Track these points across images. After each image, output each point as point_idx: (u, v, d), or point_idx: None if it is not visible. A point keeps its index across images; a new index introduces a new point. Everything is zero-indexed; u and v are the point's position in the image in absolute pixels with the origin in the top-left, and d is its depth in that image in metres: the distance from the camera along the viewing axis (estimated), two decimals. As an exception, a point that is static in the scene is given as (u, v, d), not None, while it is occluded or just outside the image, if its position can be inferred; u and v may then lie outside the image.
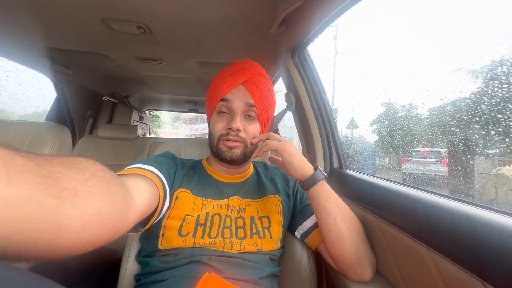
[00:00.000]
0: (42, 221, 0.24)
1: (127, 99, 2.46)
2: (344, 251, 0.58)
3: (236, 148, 0.64)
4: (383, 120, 1.94)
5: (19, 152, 0.24)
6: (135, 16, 0.88)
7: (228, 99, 0.65)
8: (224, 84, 0.66)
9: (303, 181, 0.60)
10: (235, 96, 0.65)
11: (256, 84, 0.66)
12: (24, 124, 1.39)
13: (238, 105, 0.65)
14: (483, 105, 0.81)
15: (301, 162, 0.61)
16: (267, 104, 0.68)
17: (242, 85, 0.66)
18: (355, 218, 0.62)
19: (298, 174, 0.60)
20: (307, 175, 0.60)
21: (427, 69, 1.39)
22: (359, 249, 0.59)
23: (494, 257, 0.36)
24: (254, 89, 0.66)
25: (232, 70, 0.68)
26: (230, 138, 0.64)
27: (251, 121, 0.67)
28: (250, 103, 0.65)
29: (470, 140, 0.95)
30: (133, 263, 0.71)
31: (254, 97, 0.65)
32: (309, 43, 0.95)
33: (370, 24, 4.96)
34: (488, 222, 0.39)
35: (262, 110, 0.67)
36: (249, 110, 0.66)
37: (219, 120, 0.66)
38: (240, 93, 0.65)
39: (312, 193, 0.60)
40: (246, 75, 0.66)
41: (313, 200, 0.61)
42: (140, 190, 0.46)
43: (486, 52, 0.84)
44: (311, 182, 0.60)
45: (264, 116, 0.68)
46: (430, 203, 0.50)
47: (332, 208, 0.59)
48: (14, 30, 1.05)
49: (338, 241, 0.58)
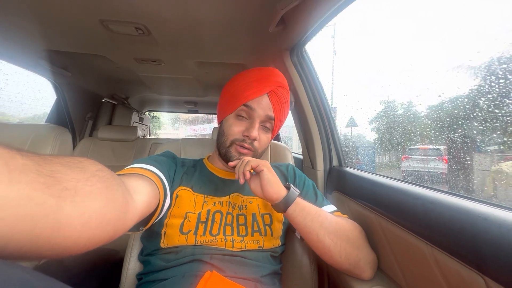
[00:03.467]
0: (42, 221, 0.24)
1: (126, 100, 2.46)
2: (334, 260, 0.58)
3: (246, 155, 0.64)
4: (382, 118, 1.94)
5: (19, 151, 0.24)
6: (134, 17, 0.88)
7: (252, 106, 0.64)
8: (250, 90, 0.65)
9: (278, 203, 0.57)
10: (259, 105, 0.65)
11: (279, 96, 0.67)
12: (24, 127, 1.39)
13: (259, 115, 0.65)
14: (480, 101, 0.81)
15: (277, 181, 0.59)
16: (283, 118, 0.70)
17: (266, 95, 0.65)
18: (343, 227, 0.60)
19: (274, 193, 0.57)
20: (282, 196, 0.57)
21: (426, 66, 1.40)
22: (350, 256, 0.58)
23: (493, 251, 0.36)
24: (277, 102, 0.66)
25: (258, 76, 0.68)
26: (244, 145, 0.64)
27: (266, 132, 0.68)
28: (270, 116, 0.66)
29: (469, 136, 0.95)
30: (135, 263, 0.71)
31: (275, 110, 0.66)
32: (307, 42, 0.95)
33: (368, 22, 4.96)
34: (487, 217, 0.39)
35: (278, 123, 0.68)
36: (268, 121, 0.66)
37: (237, 123, 0.66)
38: (264, 103, 0.65)
39: (289, 214, 0.57)
40: (272, 86, 0.66)
41: (292, 221, 0.58)
42: (140, 189, 0.46)
43: (483, 48, 0.84)
44: (286, 202, 0.57)
45: (278, 128, 0.70)
46: (429, 199, 0.50)
47: (312, 225, 0.57)
48: (13, 33, 1.05)
49: (326, 254, 0.58)
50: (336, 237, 0.57)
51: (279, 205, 0.57)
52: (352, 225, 0.63)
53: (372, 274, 0.61)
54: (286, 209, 0.57)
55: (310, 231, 0.57)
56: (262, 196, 0.59)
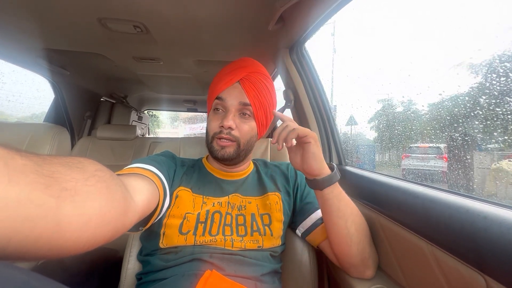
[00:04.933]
0: (42, 221, 0.24)
1: (125, 99, 2.45)
2: (350, 252, 0.58)
3: (228, 147, 0.63)
4: (382, 117, 1.94)
5: (19, 152, 0.24)
6: (132, 16, 0.87)
7: (223, 97, 0.64)
8: (220, 82, 0.65)
9: (319, 179, 0.55)
10: (230, 95, 0.64)
11: (253, 82, 0.65)
12: (22, 126, 1.39)
13: (232, 103, 0.64)
14: (481, 99, 0.81)
15: (322, 157, 0.57)
16: (264, 103, 0.67)
17: (238, 83, 0.65)
18: (363, 219, 0.61)
19: (317, 169, 0.55)
20: (324, 173, 0.56)
21: (426, 64, 1.39)
22: (365, 250, 0.58)
23: (493, 250, 0.36)
24: (250, 88, 0.65)
25: (230, 68, 0.68)
26: (222, 137, 0.63)
27: (246, 120, 0.66)
28: (244, 102, 0.64)
29: (469, 135, 0.95)
30: (134, 262, 0.71)
31: (249, 95, 0.64)
32: (307, 40, 0.95)
33: (368, 19, 4.94)
34: (487, 216, 0.39)
35: (258, 108, 0.66)
36: (244, 108, 0.65)
37: (214, 118, 0.66)
38: (235, 91, 0.65)
39: (325, 194, 0.56)
40: (243, 73, 0.66)
41: (326, 201, 0.57)
42: (139, 189, 0.46)
43: (484, 46, 0.84)
44: (329, 180, 0.55)
45: (261, 115, 0.67)
46: (429, 198, 0.50)
47: (344, 211, 0.57)
48: (11, 32, 1.05)
49: (346, 243, 0.57)
50: (360, 228, 0.58)
51: (317, 182, 0.55)
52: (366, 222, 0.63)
53: (374, 272, 0.61)
54: (325, 188, 0.55)
55: (341, 215, 0.56)
56: (300, 167, 0.58)
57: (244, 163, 0.72)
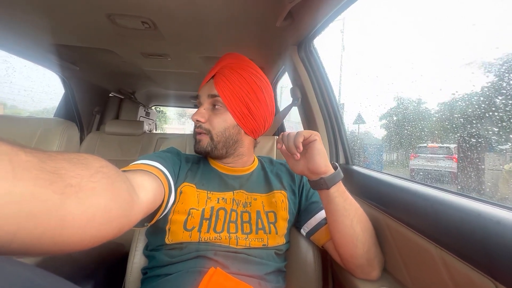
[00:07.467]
0: (46, 217, 0.24)
1: (133, 95, 2.48)
2: (356, 252, 0.57)
3: (202, 141, 0.66)
4: (391, 115, 1.90)
5: (23, 148, 0.24)
6: (140, 11, 0.87)
7: (198, 94, 0.69)
8: (202, 83, 0.70)
9: (325, 177, 0.55)
10: (202, 91, 0.68)
11: (225, 74, 0.65)
12: (33, 120, 1.42)
13: (203, 98, 0.67)
14: (497, 99, 0.78)
15: (326, 156, 0.56)
16: (239, 93, 0.64)
17: (212, 79, 0.67)
18: (368, 219, 0.60)
19: (324, 166, 0.55)
20: (330, 171, 0.55)
21: (438, 62, 1.35)
22: (370, 250, 0.58)
23: (506, 256, 0.35)
24: (220, 79, 0.65)
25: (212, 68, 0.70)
26: (196, 130, 0.67)
27: (217, 112, 0.65)
28: (212, 94, 0.65)
29: (481, 135, 0.92)
30: (140, 257, 0.72)
31: (218, 86, 0.64)
32: (316, 36, 0.93)
33: (378, 16, 4.81)
34: (500, 220, 0.38)
35: (229, 99, 0.64)
36: (214, 100, 0.65)
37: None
38: (207, 86, 0.67)
39: (331, 193, 0.55)
40: (216, 69, 0.67)
41: (331, 201, 0.56)
42: (144, 186, 0.46)
43: (500, 45, 0.81)
44: (334, 178, 0.55)
45: (236, 105, 0.64)
46: (439, 200, 0.49)
47: (350, 210, 0.56)
48: (23, 28, 1.06)
49: (352, 243, 0.56)
50: (365, 228, 0.58)
51: (324, 180, 0.55)
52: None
53: (380, 274, 0.60)
54: (331, 186, 0.55)
55: (346, 214, 0.56)
56: (304, 169, 0.57)
57: (239, 158, 0.71)
